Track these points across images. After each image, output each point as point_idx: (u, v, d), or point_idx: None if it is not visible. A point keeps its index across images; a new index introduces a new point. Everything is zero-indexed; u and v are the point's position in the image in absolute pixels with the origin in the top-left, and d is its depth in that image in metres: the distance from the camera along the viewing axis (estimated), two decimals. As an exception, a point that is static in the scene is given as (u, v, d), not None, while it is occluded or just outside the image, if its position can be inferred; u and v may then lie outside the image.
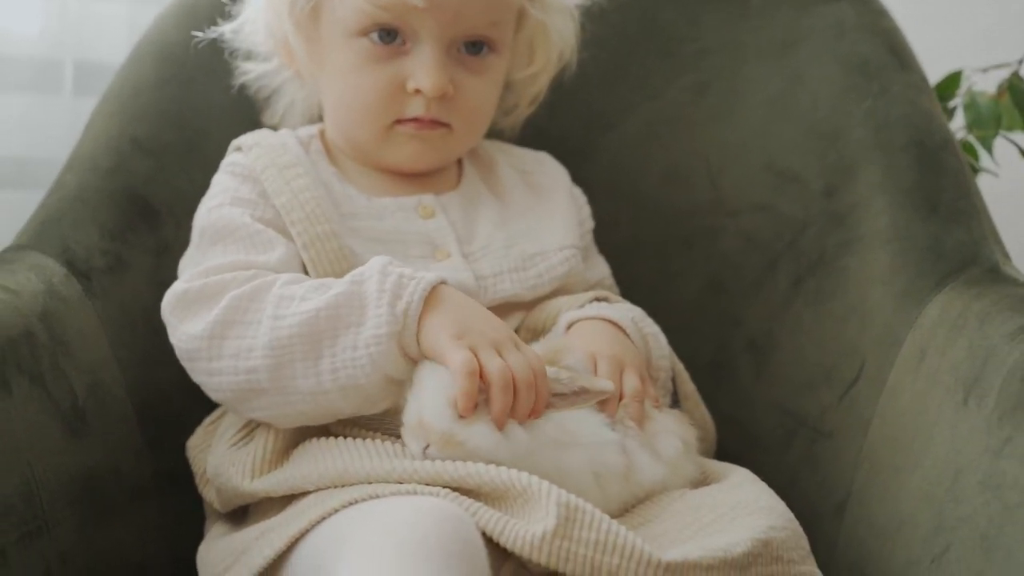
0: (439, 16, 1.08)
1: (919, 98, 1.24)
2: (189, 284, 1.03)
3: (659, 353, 1.11)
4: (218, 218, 1.08)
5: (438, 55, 1.09)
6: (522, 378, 0.94)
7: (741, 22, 1.33)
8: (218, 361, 1.00)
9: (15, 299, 1.03)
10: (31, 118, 1.37)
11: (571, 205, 1.21)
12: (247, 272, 1.02)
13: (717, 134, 1.32)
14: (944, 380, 1.04)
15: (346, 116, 1.14)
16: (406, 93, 1.10)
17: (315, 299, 0.97)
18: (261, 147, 1.13)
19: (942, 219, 1.17)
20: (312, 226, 1.07)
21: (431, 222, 1.13)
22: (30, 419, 0.98)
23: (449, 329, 0.95)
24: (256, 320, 0.99)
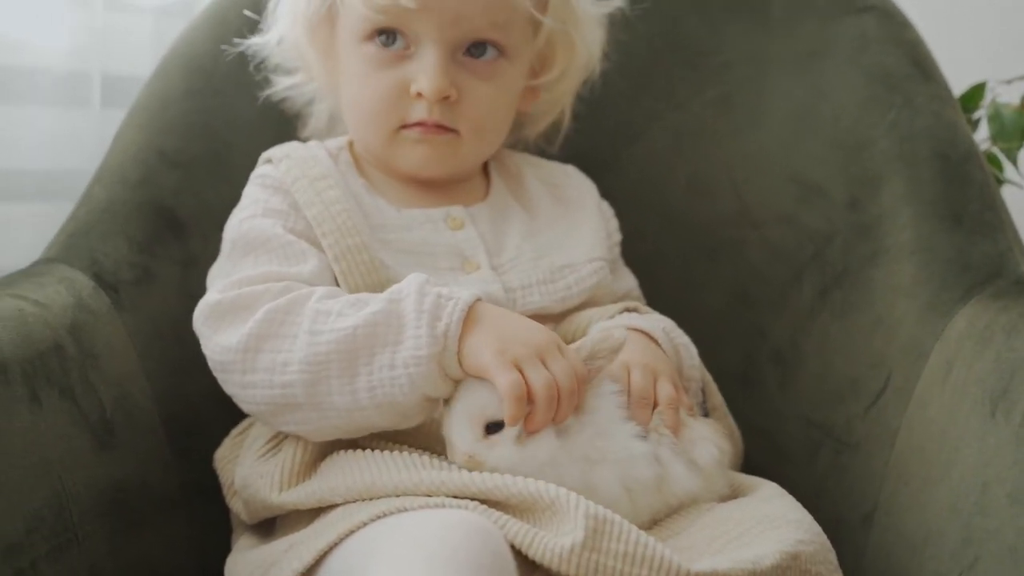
0: (436, 17, 1.08)
1: (943, 110, 1.24)
2: (222, 295, 1.03)
3: (690, 363, 1.12)
4: (250, 229, 1.09)
5: (439, 58, 1.09)
6: (566, 387, 0.94)
7: (764, 34, 1.33)
8: (252, 374, 1.00)
9: (45, 312, 1.03)
10: (59, 131, 1.37)
11: (599, 218, 1.21)
12: (280, 284, 1.02)
13: (741, 146, 1.32)
14: (971, 393, 1.03)
15: (357, 122, 1.15)
16: (410, 97, 1.10)
17: (352, 316, 0.97)
18: (291, 159, 1.13)
19: (967, 231, 1.17)
20: (343, 238, 1.07)
21: (460, 233, 1.14)
22: (60, 432, 0.99)
23: (492, 346, 0.95)
24: (292, 334, 0.98)
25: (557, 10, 1.14)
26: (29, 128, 1.35)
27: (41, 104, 1.36)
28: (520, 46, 1.14)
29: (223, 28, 1.29)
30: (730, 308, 1.30)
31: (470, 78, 1.11)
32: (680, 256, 1.32)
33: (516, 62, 1.14)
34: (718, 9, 1.35)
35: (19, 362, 0.96)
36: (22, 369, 0.96)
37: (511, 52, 1.13)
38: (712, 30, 1.35)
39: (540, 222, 1.18)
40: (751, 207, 1.30)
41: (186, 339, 1.13)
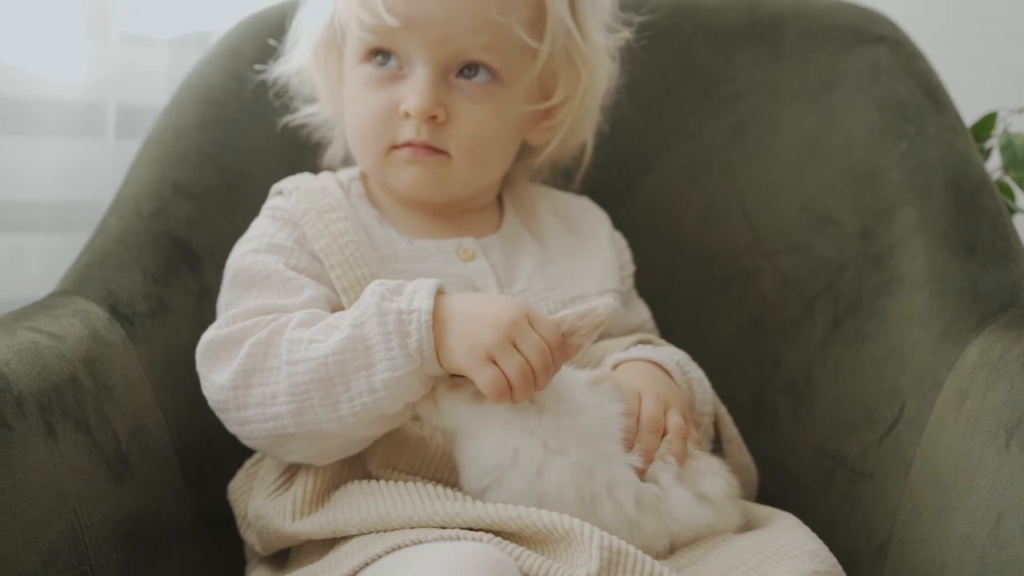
0: (424, 37, 1.09)
1: (955, 140, 1.25)
2: (215, 333, 1.04)
3: (703, 397, 1.12)
4: (252, 263, 1.09)
5: (429, 78, 1.09)
6: (539, 365, 0.95)
7: (776, 64, 1.34)
8: (246, 410, 1.01)
9: (60, 345, 1.04)
10: (75, 162, 1.38)
11: (612, 249, 1.22)
12: (268, 317, 1.03)
13: (753, 175, 1.32)
14: (985, 423, 1.03)
15: (353, 143, 1.17)
16: (399, 117, 1.11)
17: (323, 344, 0.98)
18: (301, 191, 1.13)
19: (980, 261, 1.17)
20: (351, 269, 1.08)
21: (471, 264, 1.14)
22: (75, 464, 0.99)
23: (462, 346, 0.95)
24: (275, 366, 0.99)
25: (557, 37, 1.13)
26: (44, 159, 1.36)
27: (56, 135, 1.36)
28: (516, 71, 1.13)
29: (236, 60, 1.30)
30: (743, 338, 1.31)
31: (461, 100, 1.11)
32: (693, 286, 1.32)
33: (512, 87, 1.13)
34: (730, 39, 1.36)
35: (35, 395, 0.96)
36: (38, 402, 0.96)
37: (505, 76, 1.12)
38: (724, 60, 1.35)
39: (553, 254, 1.18)
40: (763, 237, 1.30)
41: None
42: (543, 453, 0.96)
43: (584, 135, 1.23)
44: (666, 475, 0.99)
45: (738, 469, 1.10)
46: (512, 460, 0.96)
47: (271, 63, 1.24)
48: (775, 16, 1.36)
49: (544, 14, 1.12)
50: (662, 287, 1.28)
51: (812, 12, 1.36)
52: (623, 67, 1.23)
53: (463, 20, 1.08)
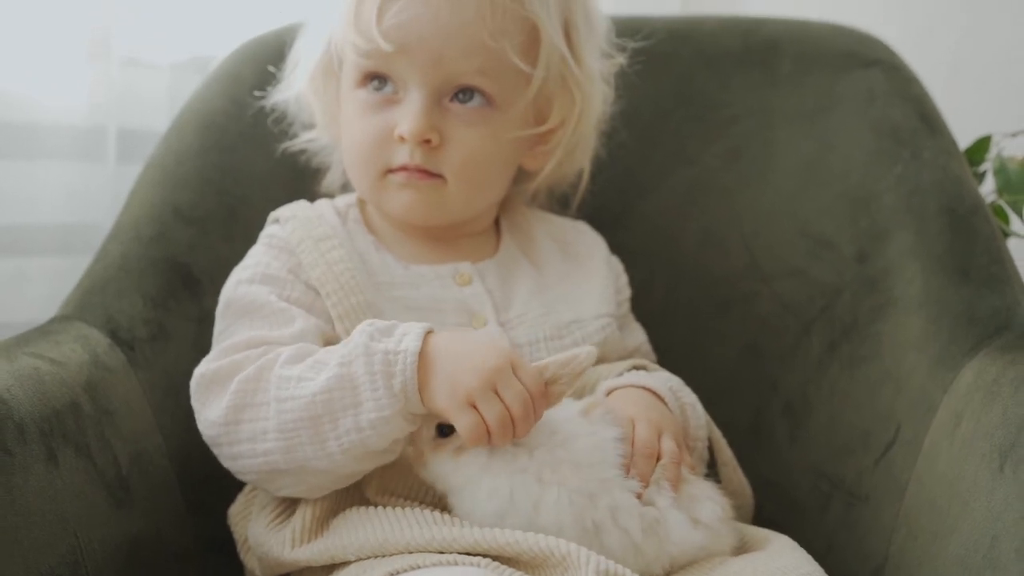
0: (418, 61, 1.09)
1: (950, 164, 1.25)
2: (206, 367, 1.05)
3: (696, 423, 1.12)
4: (244, 294, 1.10)
5: (423, 102, 1.10)
6: (518, 414, 0.95)
7: (772, 88, 1.35)
8: (237, 446, 1.02)
9: (61, 371, 1.04)
10: (75, 185, 1.39)
11: (608, 274, 1.22)
12: (258, 350, 1.04)
13: (751, 199, 1.33)
14: (980, 447, 1.04)
15: (350, 167, 1.17)
16: (394, 141, 1.11)
17: (311, 382, 0.98)
18: (297, 219, 1.14)
19: (975, 284, 1.18)
20: (346, 297, 1.09)
21: (467, 289, 1.15)
22: (76, 490, 0.99)
23: (444, 389, 0.96)
24: (264, 402, 1.00)
25: (551, 63, 1.14)
26: (46, 183, 1.37)
27: (58, 159, 1.37)
28: (510, 95, 1.13)
29: (236, 85, 1.31)
30: (741, 361, 1.31)
31: (455, 124, 1.11)
32: (691, 310, 1.33)
33: (506, 111, 1.13)
34: (727, 64, 1.36)
35: (36, 421, 0.97)
36: (39, 428, 0.97)
37: (500, 101, 1.13)
38: (721, 85, 1.36)
39: (549, 278, 1.19)
40: (761, 260, 1.31)
41: (200, 395, 1.14)
42: (538, 487, 0.96)
43: (581, 161, 1.23)
44: (662, 499, 0.99)
45: (733, 492, 1.11)
46: (509, 501, 0.96)
47: (270, 89, 1.24)
48: (770, 40, 1.37)
49: (538, 39, 1.13)
50: (660, 310, 1.29)
51: (807, 36, 1.37)
52: (620, 92, 1.24)
53: (456, 44, 1.09)
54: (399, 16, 1.08)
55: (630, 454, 1.00)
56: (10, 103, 1.32)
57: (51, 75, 1.35)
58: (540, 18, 1.12)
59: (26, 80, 1.33)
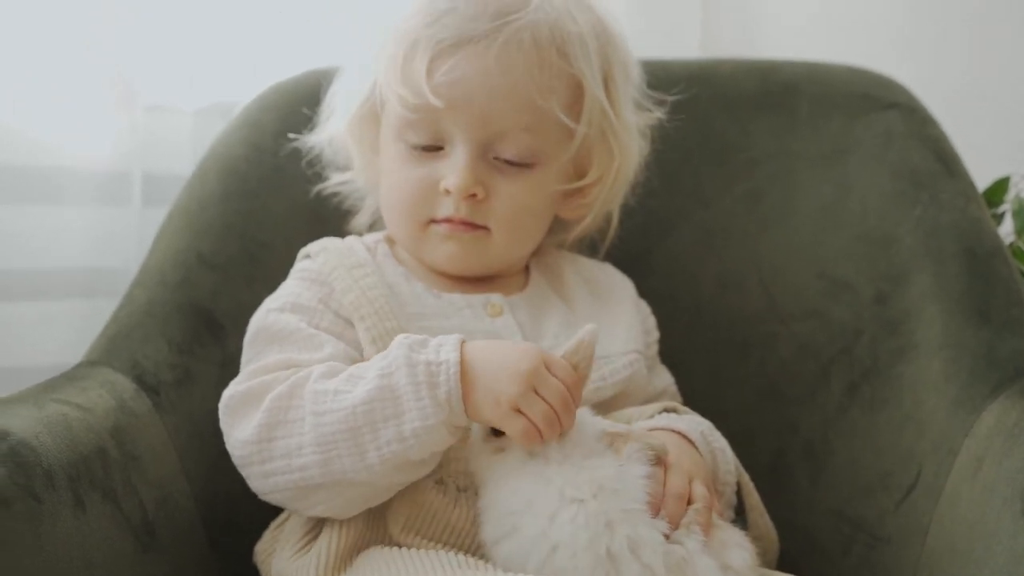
0: (466, 117, 1.10)
1: (968, 206, 1.26)
2: (235, 388, 1.06)
3: (726, 468, 1.12)
4: (274, 322, 1.11)
5: (469, 157, 1.11)
6: (560, 406, 0.97)
7: (791, 131, 1.35)
8: (270, 463, 1.02)
9: (88, 416, 1.05)
10: (101, 230, 1.40)
11: (636, 315, 1.23)
12: (288, 371, 1.05)
13: (770, 241, 1.34)
14: (1002, 490, 1.04)
15: (390, 215, 1.18)
16: (439, 193, 1.13)
17: (349, 394, 0.99)
18: (328, 251, 1.15)
19: (994, 327, 1.18)
20: (380, 321, 1.09)
21: (499, 320, 1.15)
22: (103, 535, 1.00)
23: (488, 400, 0.97)
24: (299, 418, 1.01)
25: (593, 118, 1.15)
26: (72, 227, 1.38)
27: (83, 204, 1.39)
28: (553, 150, 1.15)
29: (258, 132, 1.33)
30: (761, 403, 1.31)
31: (500, 179, 1.13)
32: (711, 351, 1.33)
33: (549, 165, 1.15)
34: (746, 107, 1.37)
35: (64, 467, 0.98)
36: (67, 474, 0.98)
37: (543, 156, 1.14)
38: (740, 128, 1.37)
39: (578, 315, 1.19)
40: (780, 302, 1.32)
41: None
42: (558, 501, 0.96)
43: (611, 207, 1.25)
44: (692, 543, 0.99)
45: (759, 537, 1.11)
46: (526, 506, 0.97)
47: (294, 134, 1.26)
48: (789, 83, 1.38)
49: (581, 94, 1.14)
50: (680, 352, 1.29)
51: (825, 79, 1.38)
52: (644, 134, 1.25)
53: (505, 103, 1.10)
54: (450, 74, 1.09)
55: (660, 494, 1.00)
56: (37, 149, 1.34)
57: (77, 121, 1.37)
58: (584, 75, 1.13)
59: (53, 126, 1.35)
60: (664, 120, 1.25)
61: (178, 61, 1.47)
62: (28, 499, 0.93)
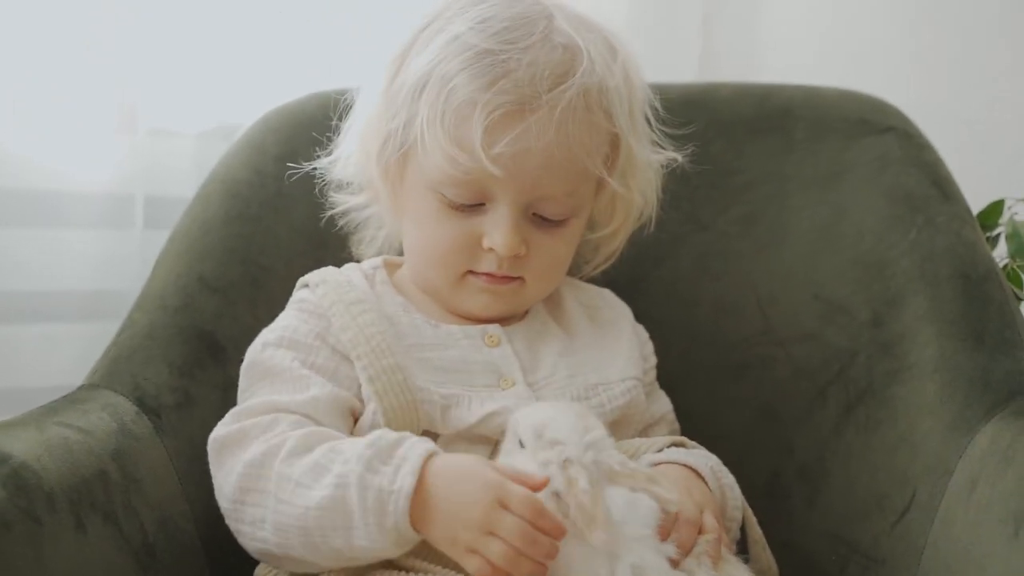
0: (517, 184, 1.09)
1: (962, 229, 1.27)
2: (219, 431, 1.07)
3: (734, 504, 1.13)
4: (268, 358, 1.12)
5: (514, 217, 1.11)
6: (522, 545, 0.93)
7: (786, 155, 1.36)
8: (240, 524, 1.04)
9: (89, 439, 1.06)
10: (103, 252, 1.42)
11: (635, 341, 1.23)
12: (268, 417, 1.05)
13: (765, 264, 1.35)
14: (995, 512, 1.04)
15: (421, 261, 1.17)
16: (480, 248, 1.12)
17: (308, 491, 0.99)
18: (328, 284, 1.15)
19: (989, 350, 1.19)
20: (378, 359, 1.09)
21: (496, 351, 1.16)
22: (104, 558, 1.01)
23: (444, 537, 0.96)
24: (265, 490, 1.01)
25: (623, 168, 1.16)
26: (75, 250, 1.39)
27: (86, 227, 1.40)
28: (587, 203, 1.17)
29: (260, 155, 1.33)
30: (757, 425, 1.32)
31: (539, 234, 1.13)
32: (707, 374, 1.34)
33: (581, 218, 1.17)
34: (742, 131, 1.38)
35: (65, 490, 0.98)
36: (68, 497, 0.98)
37: (577, 211, 1.15)
38: (736, 152, 1.38)
39: (577, 342, 1.20)
40: (776, 325, 1.32)
41: (225, 461, 1.15)
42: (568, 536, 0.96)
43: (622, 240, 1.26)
44: (702, 573, 0.99)
45: (762, 571, 1.12)
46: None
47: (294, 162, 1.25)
48: (784, 107, 1.38)
49: (618, 147, 1.15)
50: (677, 374, 1.30)
51: (821, 103, 1.39)
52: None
53: (559, 170, 1.10)
54: (513, 145, 1.07)
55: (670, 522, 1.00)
56: (40, 173, 1.35)
57: (80, 145, 1.39)
58: (623, 130, 1.14)
59: (55, 150, 1.36)
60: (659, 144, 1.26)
61: (180, 84, 1.48)
62: (29, 521, 0.93)
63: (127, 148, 1.43)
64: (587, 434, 1.00)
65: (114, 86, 1.41)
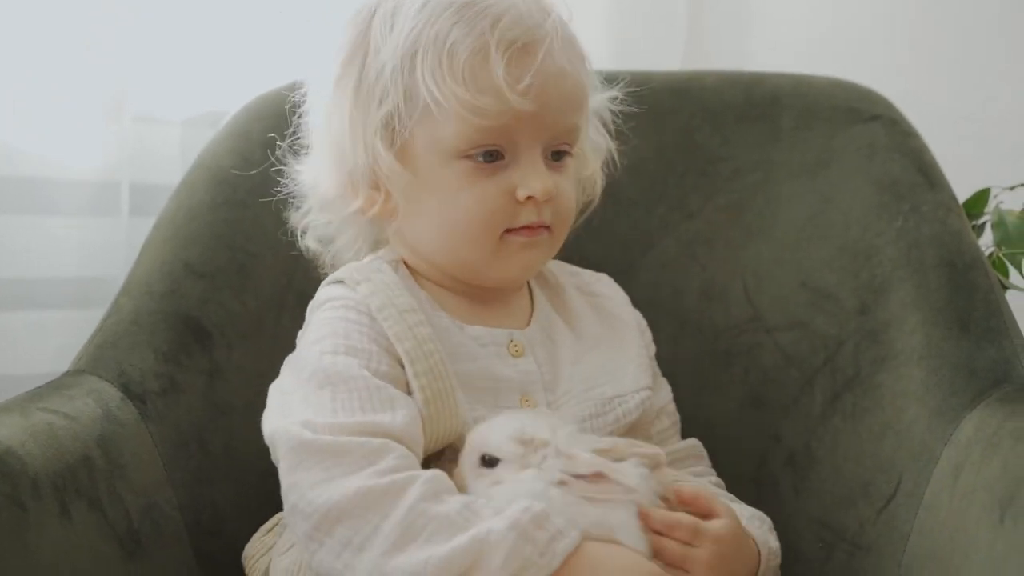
0: (540, 121, 1.08)
1: (948, 217, 1.27)
2: (316, 437, 0.97)
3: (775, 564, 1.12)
4: (331, 364, 1.03)
5: (542, 160, 1.09)
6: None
7: (774, 142, 1.36)
8: (325, 536, 0.95)
9: (74, 425, 1.06)
10: (90, 239, 1.41)
11: (640, 340, 1.22)
12: (377, 441, 0.97)
13: (753, 252, 1.35)
14: (980, 498, 1.05)
15: (453, 239, 1.11)
16: (516, 203, 1.09)
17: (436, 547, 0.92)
18: (372, 283, 1.10)
19: (974, 337, 1.19)
20: (435, 381, 1.05)
21: (521, 363, 1.13)
22: (88, 544, 1.01)
23: None
24: (375, 523, 0.93)
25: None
26: (61, 237, 1.39)
27: (72, 214, 1.39)
28: (584, 132, 1.16)
29: (245, 142, 1.33)
30: (744, 412, 1.32)
31: (558, 177, 1.11)
32: (694, 361, 1.34)
33: (577, 156, 1.16)
34: (728, 118, 1.38)
35: (49, 476, 0.98)
36: (52, 483, 0.98)
37: (579, 145, 1.15)
38: (722, 139, 1.38)
39: (586, 342, 1.18)
40: (763, 312, 1.33)
41: (210, 448, 1.16)
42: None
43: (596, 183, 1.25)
44: None
45: None
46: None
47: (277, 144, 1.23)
48: (772, 95, 1.39)
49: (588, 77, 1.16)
50: (665, 362, 1.29)
51: (808, 91, 1.39)
52: (623, 148, 1.25)
53: (573, 101, 1.11)
54: (537, 77, 1.06)
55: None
56: (26, 159, 1.35)
57: (66, 132, 1.38)
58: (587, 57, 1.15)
59: (42, 138, 1.36)
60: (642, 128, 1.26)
61: (167, 71, 1.48)
62: (14, 507, 0.93)
63: (113, 135, 1.42)
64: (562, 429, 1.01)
65: (100, 73, 1.40)
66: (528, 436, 1.00)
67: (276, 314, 1.28)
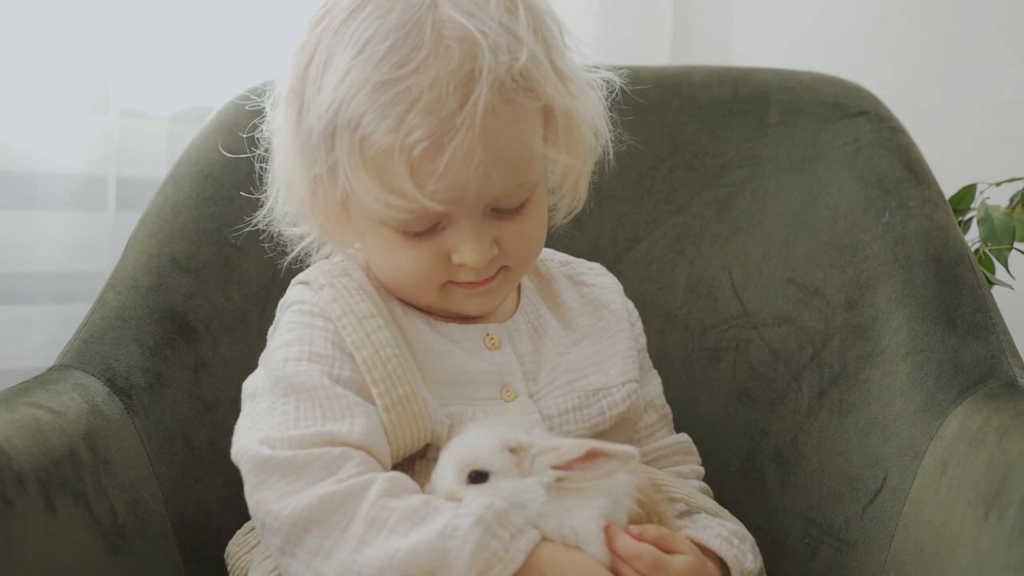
0: (465, 203, 1.01)
1: (935, 213, 1.27)
2: (274, 453, 0.98)
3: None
4: (294, 372, 1.03)
5: (474, 226, 1.03)
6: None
7: (760, 138, 1.37)
8: (295, 547, 0.96)
9: (60, 420, 1.06)
10: (75, 234, 1.41)
11: (630, 332, 1.20)
12: (336, 451, 0.98)
13: (740, 247, 1.35)
14: (965, 494, 1.05)
15: (395, 284, 1.10)
16: (451, 264, 1.05)
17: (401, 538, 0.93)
18: (335, 288, 1.08)
19: (960, 333, 1.19)
20: (394, 387, 1.03)
21: (498, 355, 1.11)
22: (73, 539, 1.00)
23: None
24: (341, 526, 0.94)
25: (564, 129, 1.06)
26: (47, 232, 1.39)
27: (59, 209, 1.39)
28: (541, 178, 1.08)
29: (231, 137, 1.32)
30: (732, 407, 1.32)
31: (506, 225, 1.05)
32: (682, 357, 1.34)
33: (540, 190, 1.08)
34: (716, 114, 1.39)
35: (35, 471, 0.98)
36: (37, 477, 0.98)
37: (535, 187, 1.06)
38: (711, 135, 1.38)
39: (574, 333, 1.17)
40: (751, 308, 1.33)
41: (196, 443, 1.15)
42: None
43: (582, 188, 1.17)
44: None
45: None
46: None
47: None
48: (759, 91, 1.39)
49: (553, 112, 1.05)
50: (652, 357, 1.29)
51: (795, 87, 1.39)
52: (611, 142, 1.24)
53: (497, 174, 1.00)
54: (443, 180, 0.98)
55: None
56: (12, 154, 1.34)
57: (52, 126, 1.38)
58: (552, 95, 1.03)
59: (28, 132, 1.35)
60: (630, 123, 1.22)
61: (153, 66, 1.48)
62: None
63: (100, 130, 1.42)
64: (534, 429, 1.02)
65: (87, 68, 1.40)
66: (514, 443, 0.99)
67: (261, 309, 1.28)
